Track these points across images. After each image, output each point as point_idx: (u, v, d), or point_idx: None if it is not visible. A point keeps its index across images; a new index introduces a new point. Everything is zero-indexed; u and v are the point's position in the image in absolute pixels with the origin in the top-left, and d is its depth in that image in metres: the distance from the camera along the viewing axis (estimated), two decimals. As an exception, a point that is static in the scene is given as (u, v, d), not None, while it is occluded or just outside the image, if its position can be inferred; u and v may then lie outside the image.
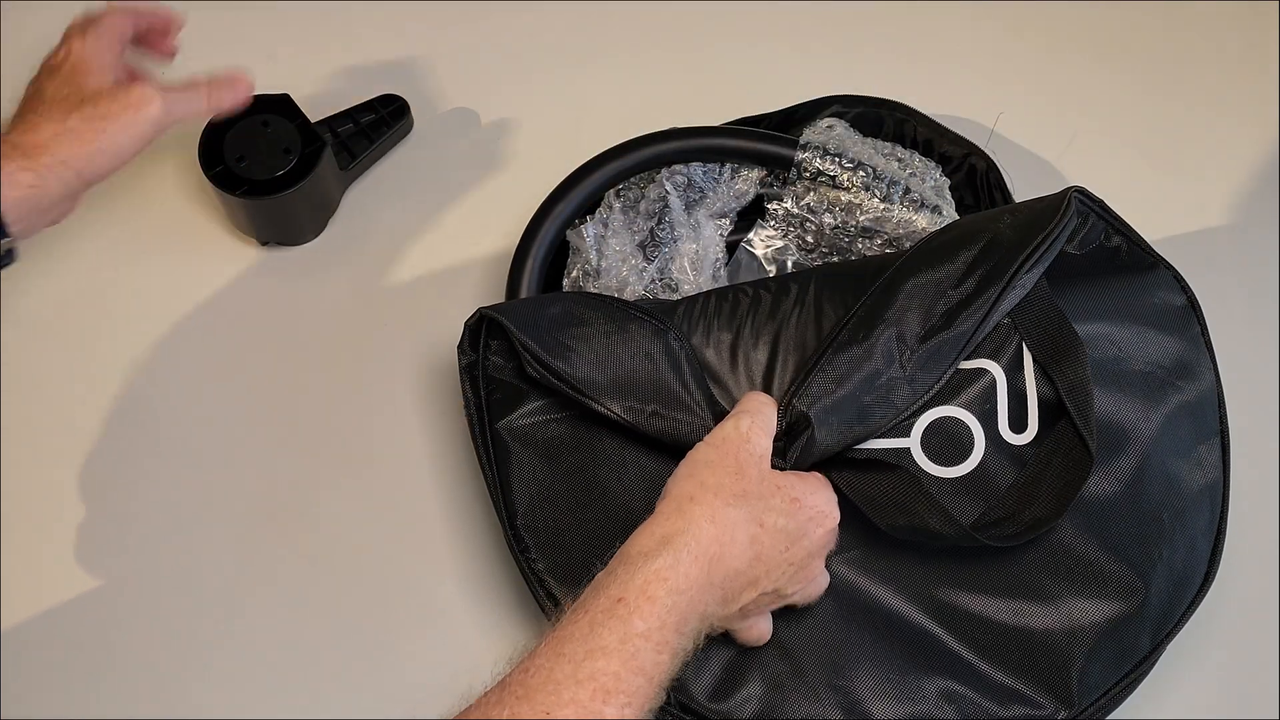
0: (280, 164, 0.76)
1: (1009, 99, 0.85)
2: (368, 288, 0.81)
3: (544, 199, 0.76)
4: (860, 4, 0.91)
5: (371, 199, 0.84)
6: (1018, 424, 0.67)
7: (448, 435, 0.76)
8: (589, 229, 0.76)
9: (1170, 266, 0.71)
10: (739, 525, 0.59)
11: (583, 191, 0.76)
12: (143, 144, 0.68)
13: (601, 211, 0.77)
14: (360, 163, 0.82)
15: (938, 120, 0.80)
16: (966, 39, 0.90)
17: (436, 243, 0.82)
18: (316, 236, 0.82)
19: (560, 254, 0.77)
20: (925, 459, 0.66)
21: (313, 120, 0.78)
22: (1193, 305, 0.70)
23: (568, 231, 0.76)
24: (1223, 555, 0.67)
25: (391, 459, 0.75)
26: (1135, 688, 0.65)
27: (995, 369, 0.67)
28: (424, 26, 0.90)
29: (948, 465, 0.66)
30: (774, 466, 0.64)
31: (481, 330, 0.67)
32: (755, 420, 0.64)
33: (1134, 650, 0.65)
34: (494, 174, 0.85)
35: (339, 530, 0.74)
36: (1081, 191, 0.68)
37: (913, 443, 0.66)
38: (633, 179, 0.78)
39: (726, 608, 0.60)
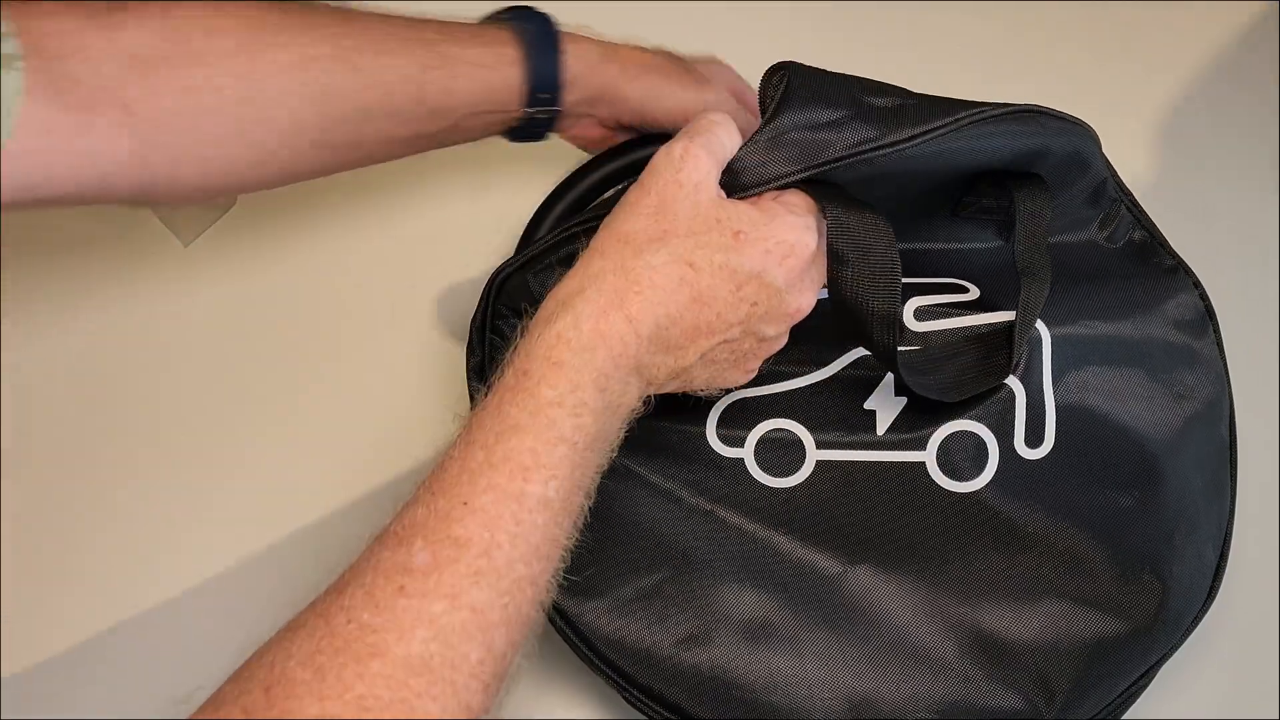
0: None
1: (1005, 96, 0.85)
2: (367, 288, 0.81)
3: (544, 199, 0.76)
4: (858, 1, 0.91)
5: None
6: (1034, 438, 0.65)
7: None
8: (588, 229, 0.76)
9: (1190, 271, 0.70)
10: (656, 269, 0.53)
11: (582, 191, 0.76)
12: None
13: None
14: None
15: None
16: (963, 35, 0.91)
17: (435, 242, 0.82)
18: None
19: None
20: (940, 474, 0.65)
21: None
22: (1209, 312, 0.70)
23: (567, 232, 0.76)
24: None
25: (395, 462, 0.75)
26: (1134, 702, 0.65)
27: (1014, 383, 0.65)
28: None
29: (960, 480, 0.65)
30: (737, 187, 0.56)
31: (486, 329, 0.66)
32: (694, 143, 0.56)
33: (1140, 662, 0.64)
34: (493, 173, 0.85)
35: (339, 531, 0.74)
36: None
37: (928, 457, 0.65)
38: (632, 179, 0.77)
39: (674, 358, 0.55)
